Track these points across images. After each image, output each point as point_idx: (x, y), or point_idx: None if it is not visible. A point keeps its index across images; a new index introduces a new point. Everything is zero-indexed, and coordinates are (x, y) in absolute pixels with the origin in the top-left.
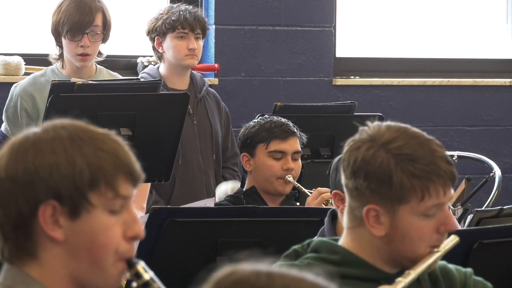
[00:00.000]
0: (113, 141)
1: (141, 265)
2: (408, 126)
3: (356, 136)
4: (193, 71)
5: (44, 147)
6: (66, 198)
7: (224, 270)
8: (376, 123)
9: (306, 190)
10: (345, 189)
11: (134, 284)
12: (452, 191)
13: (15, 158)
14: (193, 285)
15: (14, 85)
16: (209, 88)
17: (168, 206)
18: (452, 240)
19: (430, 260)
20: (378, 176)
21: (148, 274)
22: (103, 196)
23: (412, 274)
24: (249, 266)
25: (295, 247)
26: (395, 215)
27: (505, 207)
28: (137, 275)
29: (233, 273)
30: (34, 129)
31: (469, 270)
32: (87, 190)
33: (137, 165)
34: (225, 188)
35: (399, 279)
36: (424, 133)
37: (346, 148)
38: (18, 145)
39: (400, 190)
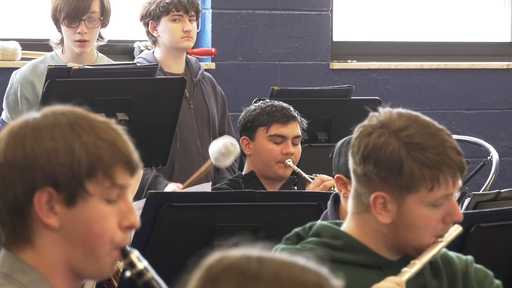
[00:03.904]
0: (112, 130)
1: (135, 254)
2: (419, 114)
3: (366, 122)
4: (188, 55)
5: (44, 133)
6: (63, 186)
7: (214, 256)
8: (387, 109)
9: (306, 176)
10: (352, 174)
11: (128, 273)
12: (460, 181)
13: (14, 143)
14: (187, 269)
15: (14, 72)
16: (204, 72)
17: (165, 191)
18: (456, 229)
19: (435, 250)
20: (388, 163)
21: (142, 263)
22: (100, 185)
23: (417, 264)
24: (239, 251)
25: (297, 229)
26: (403, 203)
27: (502, 190)
28: (131, 264)
29: (224, 259)
30: (34, 114)
31: (469, 258)
32: (84, 178)
33: (135, 155)
34: (218, 146)
35: (405, 269)
36: (435, 122)
37: (356, 133)
38: (17, 130)
39: (410, 179)
